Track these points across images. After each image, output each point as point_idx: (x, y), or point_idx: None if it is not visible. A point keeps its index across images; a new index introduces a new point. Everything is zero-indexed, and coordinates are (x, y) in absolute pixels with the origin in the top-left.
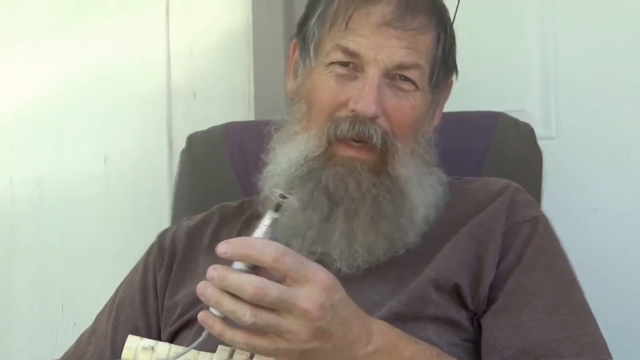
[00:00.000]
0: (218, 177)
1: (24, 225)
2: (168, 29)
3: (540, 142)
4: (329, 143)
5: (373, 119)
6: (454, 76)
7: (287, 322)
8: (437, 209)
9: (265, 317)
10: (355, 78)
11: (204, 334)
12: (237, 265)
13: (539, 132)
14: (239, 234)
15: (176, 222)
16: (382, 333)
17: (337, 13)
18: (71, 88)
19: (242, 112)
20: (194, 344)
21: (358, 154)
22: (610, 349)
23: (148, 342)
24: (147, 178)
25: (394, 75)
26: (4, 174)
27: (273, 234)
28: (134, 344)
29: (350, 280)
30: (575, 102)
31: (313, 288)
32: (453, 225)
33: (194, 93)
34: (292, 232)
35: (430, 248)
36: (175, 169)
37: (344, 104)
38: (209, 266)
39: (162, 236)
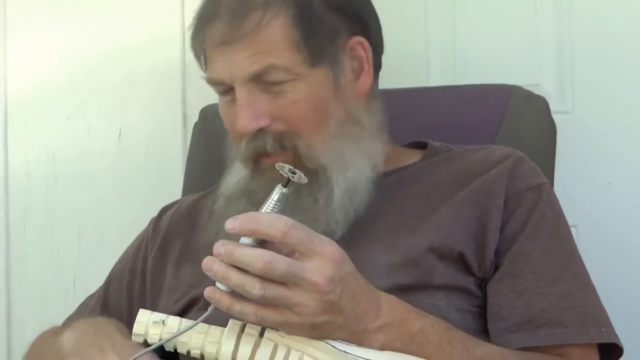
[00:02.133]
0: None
1: (38, 201)
2: (183, 3)
3: (555, 117)
4: (251, 161)
5: (261, 130)
6: (362, 31)
7: (296, 295)
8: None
9: (274, 290)
10: (234, 100)
11: (210, 309)
12: (244, 240)
13: (554, 106)
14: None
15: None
16: (390, 307)
17: (197, 48)
18: (85, 63)
19: None
20: (202, 317)
21: (275, 159)
22: (618, 323)
23: (159, 316)
24: (162, 153)
25: (264, 82)
26: (19, 150)
27: (280, 210)
28: (144, 318)
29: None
30: (591, 76)
31: (322, 261)
32: (451, 189)
33: None
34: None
35: (425, 210)
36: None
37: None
38: (210, 242)
39: (160, 214)
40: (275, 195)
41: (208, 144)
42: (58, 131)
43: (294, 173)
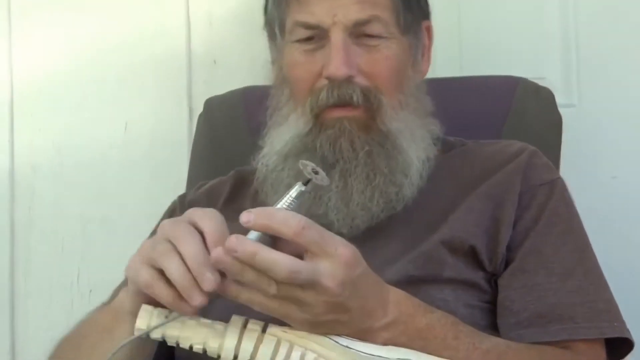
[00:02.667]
0: (235, 141)
1: (43, 193)
2: None
3: (561, 110)
4: (315, 116)
5: (349, 79)
6: (430, 19)
7: (307, 296)
8: (428, 162)
9: (287, 290)
10: (323, 47)
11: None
12: (254, 233)
13: (559, 99)
14: (252, 200)
15: (191, 187)
16: (398, 303)
17: None
18: (91, 56)
19: (262, 79)
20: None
21: (344, 113)
22: (629, 312)
23: (161, 311)
24: (167, 146)
25: (358, 34)
26: (24, 142)
27: (297, 207)
28: (147, 312)
29: (358, 241)
30: (597, 69)
31: (335, 264)
32: (468, 186)
33: (214, 60)
34: None
35: (443, 207)
36: None
37: (319, 75)
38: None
39: (182, 197)
40: (293, 192)
41: (212, 135)
42: (63, 123)
43: (317, 173)
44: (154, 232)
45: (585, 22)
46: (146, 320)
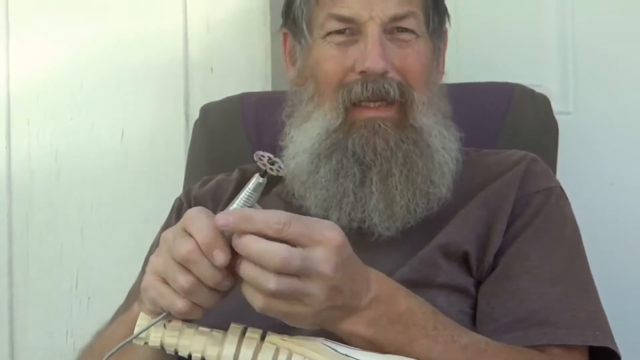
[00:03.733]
0: (232, 147)
1: (41, 199)
2: (185, 2)
3: (557, 117)
4: (346, 110)
5: (384, 74)
6: (448, 24)
7: (307, 286)
8: (456, 163)
9: (288, 283)
10: (356, 42)
11: None
12: None
13: (556, 106)
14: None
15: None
16: (378, 281)
17: None
18: (88, 62)
19: (260, 86)
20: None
21: (377, 113)
22: (624, 323)
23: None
24: (164, 152)
25: (392, 29)
26: (22, 148)
27: (255, 199)
28: (145, 321)
29: (397, 241)
30: (593, 77)
31: (327, 249)
32: (468, 194)
33: (211, 67)
34: (328, 203)
35: (444, 216)
36: None
37: (351, 69)
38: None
39: (187, 193)
40: (251, 185)
41: (208, 141)
42: (61, 129)
43: (273, 164)
44: (157, 239)
45: (582, 30)
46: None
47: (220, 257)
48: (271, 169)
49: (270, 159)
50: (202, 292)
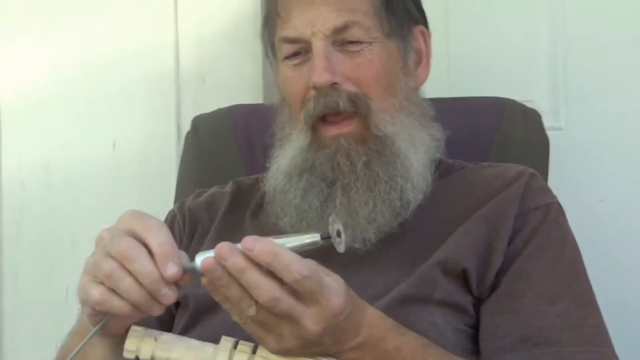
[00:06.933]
0: (223, 159)
1: (32, 210)
2: (176, 14)
3: (548, 133)
4: (313, 128)
5: (334, 87)
6: (424, 25)
7: (282, 328)
8: (431, 166)
9: (264, 317)
10: (309, 60)
11: None
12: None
13: (547, 122)
14: (252, 213)
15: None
16: (370, 326)
17: (271, 8)
18: (79, 73)
19: (251, 98)
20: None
21: (340, 130)
22: (617, 339)
23: (151, 332)
24: (156, 164)
25: (342, 41)
26: (13, 160)
27: (303, 253)
28: (137, 333)
29: (372, 255)
30: (585, 92)
31: (322, 312)
32: (467, 210)
33: (203, 79)
34: (299, 221)
35: (442, 232)
36: None
37: (308, 88)
38: (220, 239)
39: (181, 205)
40: (308, 239)
41: (200, 153)
42: (52, 141)
43: (339, 235)
44: None
45: (574, 46)
46: (135, 341)
47: (173, 270)
48: (333, 240)
49: (339, 230)
50: (134, 289)
